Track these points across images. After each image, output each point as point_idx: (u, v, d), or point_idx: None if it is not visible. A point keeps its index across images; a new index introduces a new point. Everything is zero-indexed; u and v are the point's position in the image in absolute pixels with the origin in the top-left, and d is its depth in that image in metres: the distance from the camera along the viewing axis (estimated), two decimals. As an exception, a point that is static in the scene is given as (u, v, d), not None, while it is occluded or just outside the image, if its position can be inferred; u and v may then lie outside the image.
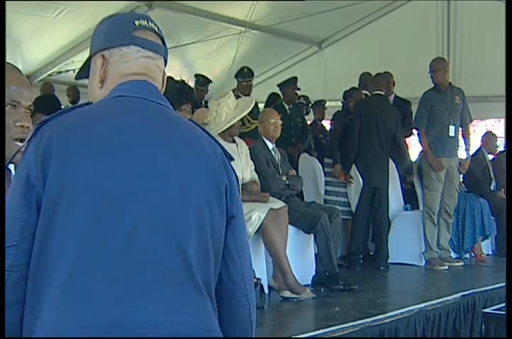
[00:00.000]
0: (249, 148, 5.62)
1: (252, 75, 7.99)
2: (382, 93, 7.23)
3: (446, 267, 6.94)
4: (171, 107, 1.70)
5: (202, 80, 8.32)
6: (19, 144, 1.88)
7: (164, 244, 1.53)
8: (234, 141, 5.43)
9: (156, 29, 1.73)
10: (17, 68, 2.04)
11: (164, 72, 1.76)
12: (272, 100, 8.42)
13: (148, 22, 1.72)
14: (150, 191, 1.54)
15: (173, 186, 1.57)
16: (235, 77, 7.88)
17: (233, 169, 1.69)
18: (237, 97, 6.08)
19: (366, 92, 7.61)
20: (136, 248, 1.50)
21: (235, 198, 1.66)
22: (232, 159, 1.71)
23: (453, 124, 7.00)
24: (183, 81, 5.01)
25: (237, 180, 1.70)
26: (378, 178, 7.00)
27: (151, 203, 1.53)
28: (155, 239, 1.52)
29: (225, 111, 5.28)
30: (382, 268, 6.82)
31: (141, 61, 1.69)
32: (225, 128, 5.28)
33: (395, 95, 8.05)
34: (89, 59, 1.75)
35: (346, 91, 7.92)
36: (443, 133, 6.98)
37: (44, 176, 1.50)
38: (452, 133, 6.99)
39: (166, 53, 1.76)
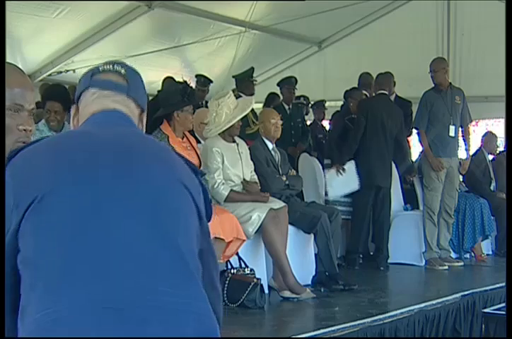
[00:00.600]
0: (249, 148, 5.62)
1: None
2: (386, 93, 7.23)
3: (446, 267, 6.93)
4: (135, 127, 1.77)
5: (204, 81, 8.31)
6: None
7: (153, 236, 1.55)
8: (234, 141, 5.43)
9: (122, 71, 1.78)
10: (20, 69, 2.02)
11: (140, 109, 1.80)
12: (271, 100, 8.42)
13: (113, 65, 1.78)
14: (133, 191, 1.58)
15: (157, 188, 1.61)
16: (244, 76, 7.85)
17: (201, 182, 1.74)
18: (238, 97, 6.08)
19: (365, 92, 7.59)
20: (130, 248, 1.52)
21: (207, 203, 1.73)
22: (203, 174, 1.78)
23: (453, 124, 6.99)
24: (185, 82, 5.00)
25: (207, 192, 1.76)
26: (382, 177, 6.98)
27: (133, 199, 1.57)
28: (143, 234, 1.54)
29: (225, 111, 5.28)
30: (382, 268, 6.82)
31: (96, 101, 1.76)
32: (225, 128, 5.28)
33: (396, 95, 8.05)
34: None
35: (346, 90, 7.91)
36: (443, 133, 6.98)
37: (20, 197, 1.52)
38: (452, 133, 6.99)
39: (132, 90, 1.78)
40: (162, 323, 1.48)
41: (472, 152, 7.66)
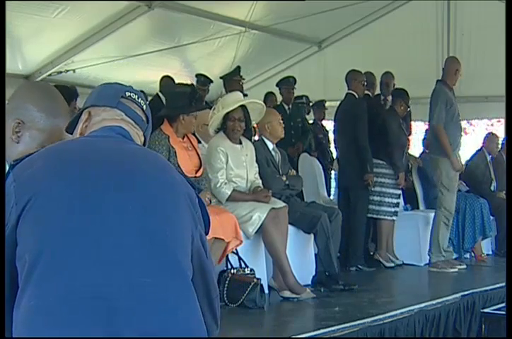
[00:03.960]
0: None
1: None
2: (352, 92, 7.00)
3: (456, 269, 6.82)
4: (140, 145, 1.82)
5: (204, 80, 8.33)
6: None
7: (143, 235, 1.58)
8: (240, 143, 5.41)
9: (144, 107, 1.87)
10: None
11: (143, 143, 1.87)
12: (267, 99, 8.44)
13: (138, 97, 1.86)
14: (126, 191, 1.61)
15: (152, 191, 1.64)
16: (230, 76, 7.89)
17: (199, 197, 1.77)
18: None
19: (368, 92, 7.57)
20: (119, 244, 1.55)
21: (204, 211, 1.75)
22: (199, 190, 1.78)
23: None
24: (192, 85, 5.02)
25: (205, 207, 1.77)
26: (348, 177, 6.91)
27: (126, 200, 1.60)
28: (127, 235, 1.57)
29: (223, 104, 5.30)
30: (351, 270, 6.68)
31: (121, 122, 1.81)
32: (220, 115, 5.25)
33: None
34: (80, 113, 1.86)
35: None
36: (458, 131, 6.90)
37: (19, 195, 1.58)
38: (462, 132, 6.89)
39: (147, 130, 1.87)
40: (150, 311, 1.49)
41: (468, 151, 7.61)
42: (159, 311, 1.50)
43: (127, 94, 1.84)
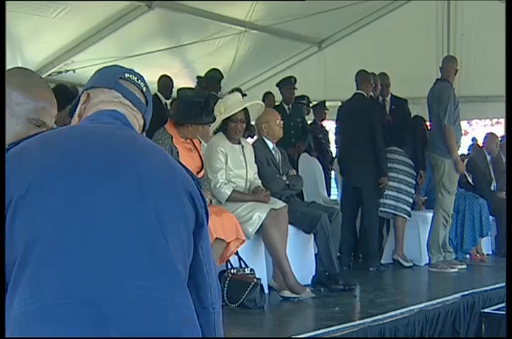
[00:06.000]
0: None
1: None
2: (362, 92, 7.02)
3: (456, 269, 6.82)
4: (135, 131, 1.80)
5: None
6: None
7: (137, 233, 1.55)
8: (239, 143, 5.42)
9: (144, 89, 1.85)
10: (47, 83, 2.02)
11: (142, 127, 1.85)
12: (266, 99, 8.45)
13: (137, 79, 1.84)
14: (121, 183, 1.58)
15: (148, 182, 1.61)
16: (209, 76, 7.97)
17: (198, 186, 1.74)
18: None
19: (371, 93, 7.56)
20: (111, 242, 1.52)
21: (204, 207, 1.71)
22: (198, 181, 1.77)
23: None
24: (208, 96, 5.00)
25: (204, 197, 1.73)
26: (355, 177, 6.91)
27: (121, 191, 1.57)
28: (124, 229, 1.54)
29: (224, 107, 5.30)
30: (371, 269, 6.71)
31: (118, 104, 1.79)
32: (220, 120, 5.26)
33: (392, 95, 8.02)
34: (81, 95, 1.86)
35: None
36: (460, 131, 6.89)
37: (9, 185, 1.54)
38: (462, 131, 6.87)
39: (147, 112, 1.85)
40: (140, 314, 1.46)
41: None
42: (150, 317, 1.47)
43: (126, 75, 1.83)
